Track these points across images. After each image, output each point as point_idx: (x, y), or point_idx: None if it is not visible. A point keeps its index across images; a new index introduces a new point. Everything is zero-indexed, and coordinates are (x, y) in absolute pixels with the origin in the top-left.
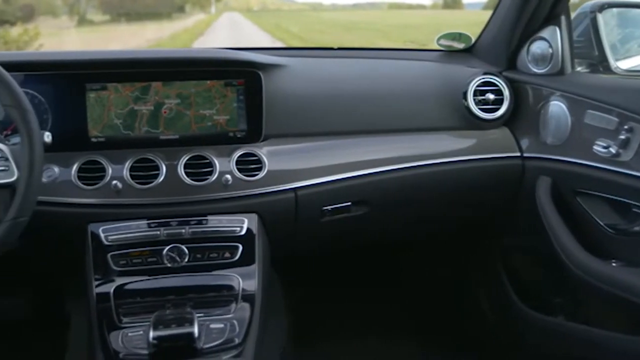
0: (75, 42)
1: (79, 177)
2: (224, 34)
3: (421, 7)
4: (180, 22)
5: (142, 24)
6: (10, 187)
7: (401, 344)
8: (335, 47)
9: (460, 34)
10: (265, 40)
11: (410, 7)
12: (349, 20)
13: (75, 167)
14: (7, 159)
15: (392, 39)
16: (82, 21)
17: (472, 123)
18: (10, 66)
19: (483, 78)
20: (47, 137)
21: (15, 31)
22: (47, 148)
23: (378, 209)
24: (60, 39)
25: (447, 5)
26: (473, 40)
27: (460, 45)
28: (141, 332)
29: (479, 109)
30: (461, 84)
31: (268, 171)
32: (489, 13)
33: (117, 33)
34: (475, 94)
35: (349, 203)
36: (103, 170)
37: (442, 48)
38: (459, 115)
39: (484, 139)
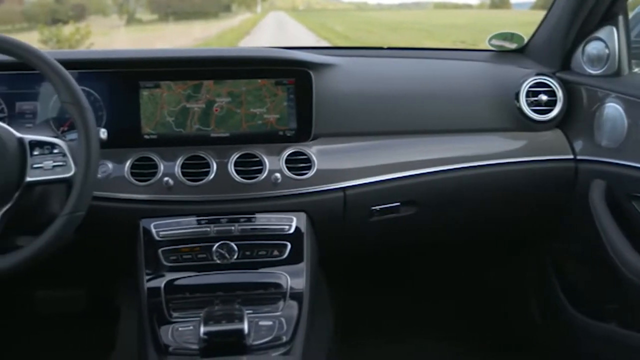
0: (124, 40)
1: (132, 173)
2: (270, 33)
3: (467, 6)
4: (227, 21)
5: (189, 23)
6: (67, 182)
7: (448, 345)
8: (385, 46)
9: (512, 34)
10: (310, 39)
11: (457, 6)
12: (394, 19)
13: (128, 164)
14: (64, 155)
15: (439, 39)
16: (131, 20)
17: (524, 124)
18: (67, 64)
19: (536, 79)
20: (103, 133)
21: (67, 30)
22: (102, 144)
23: (427, 209)
24: (110, 37)
25: (494, 5)
26: (526, 40)
27: (512, 46)
28: (191, 327)
29: (532, 110)
30: (513, 84)
31: (317, 170)
32: (537, 13)
33: (165, 32)
34: (527, 95)
35: (398, 203)
36: (155, 166)
37: (493, 48)
38: (510, 117)
39: (536, 141)
